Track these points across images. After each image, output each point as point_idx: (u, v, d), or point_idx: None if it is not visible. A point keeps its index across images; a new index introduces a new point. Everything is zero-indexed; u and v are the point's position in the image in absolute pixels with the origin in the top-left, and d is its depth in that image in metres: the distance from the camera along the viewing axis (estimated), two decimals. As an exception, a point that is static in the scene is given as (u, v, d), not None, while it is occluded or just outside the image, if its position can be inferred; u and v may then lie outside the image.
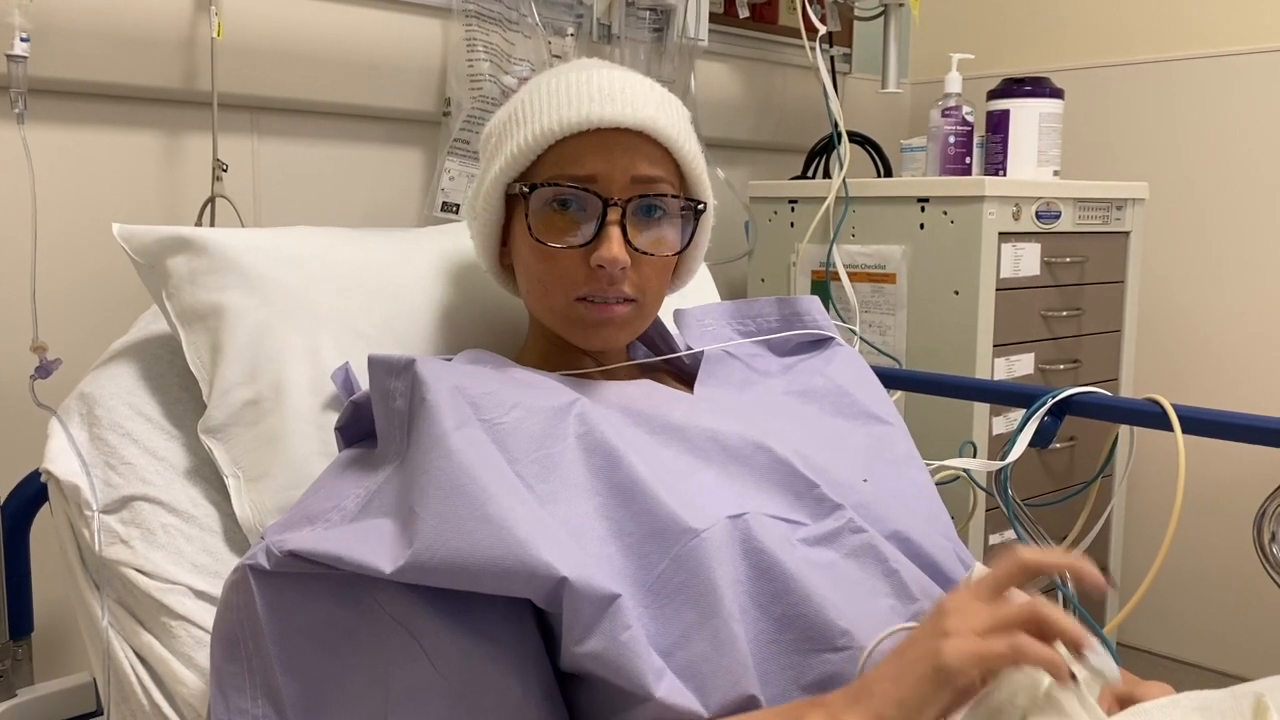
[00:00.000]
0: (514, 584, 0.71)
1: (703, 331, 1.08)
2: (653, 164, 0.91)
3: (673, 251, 0.95)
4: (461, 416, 0.79)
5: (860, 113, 2.23)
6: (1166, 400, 1.23)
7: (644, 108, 0.91)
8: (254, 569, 0.75)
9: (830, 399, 1.02)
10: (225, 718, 0.74)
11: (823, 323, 1.11)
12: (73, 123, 1.35)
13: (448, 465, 0.75)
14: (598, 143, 0.90)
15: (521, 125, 0.92)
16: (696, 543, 0.77)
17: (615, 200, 0.89)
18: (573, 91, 0.91)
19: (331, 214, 1.58)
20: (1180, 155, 2.12)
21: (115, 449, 0.99)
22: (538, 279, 0.94)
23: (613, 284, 0.90)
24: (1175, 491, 2.07)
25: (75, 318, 1.32)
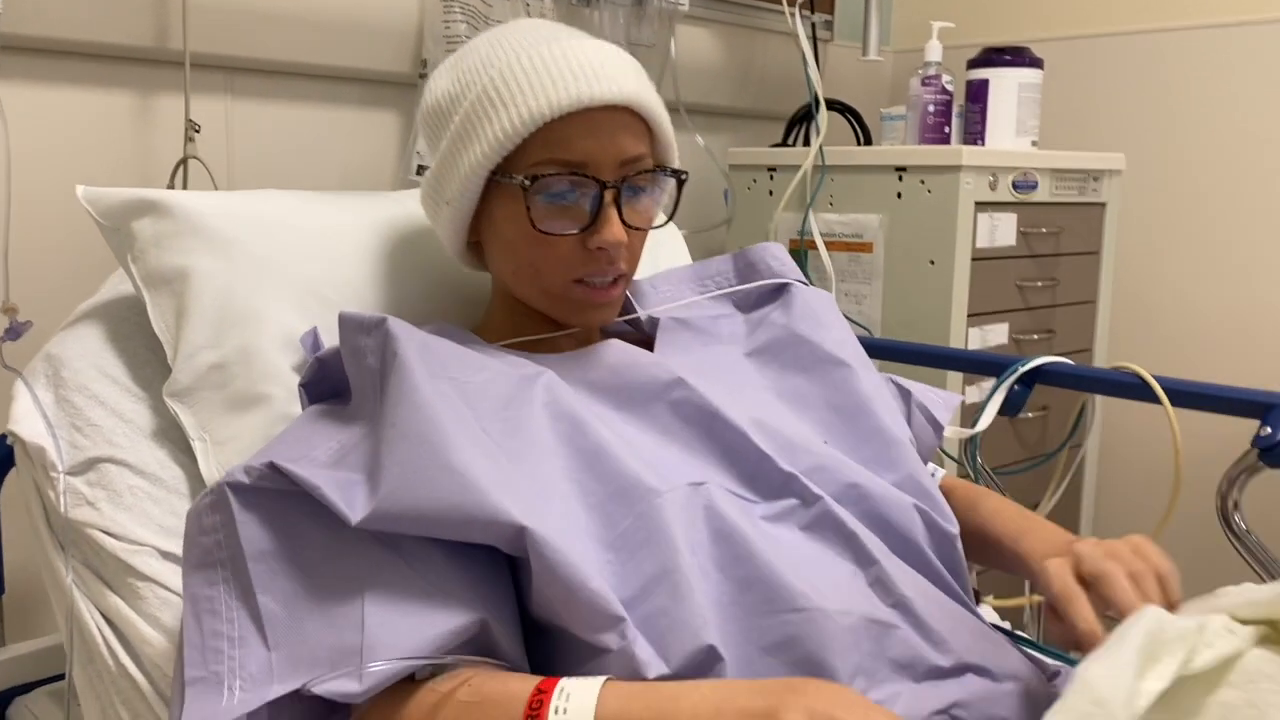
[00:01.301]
0: (474, 530, 0.73)
1: (659, 298, 1.09)
2: (636, 141, 0.91)
3: (660, 223, 0.97)
4: (430, 371, 0.81)
5: (841, 80, 2.22)
6: (1145, 371, 1.24)
7: (628, 82, 0.90)
8: (233, 485, 0.77)
9: (788, 352, 1.02)
10: (199, 642, 0.74)
11: (778, 268, 1.10)
12: (44, 81, 1.33)
13: (414, 416, 0.77)
14: (585, 124, 0.88)
15: (501, 107, 0.88)
16: (660, 502, 0.79)
17: (610, 183, 0.89)
18: (553, 69, 0.88)
19: (306, 176, 1.57)
20: (1158, 127, 2.12)
21: (81, 411, 0.99)
22: (529, 263, 0.93)
23: (611, 263, 0.91)
24: (1146, 460, 2.10)
25: (46, 279, 1.31)
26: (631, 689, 0.68)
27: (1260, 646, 0.64)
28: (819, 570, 0.80)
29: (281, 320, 1.00)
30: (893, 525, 0.88)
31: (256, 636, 0.74)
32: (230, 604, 0.75)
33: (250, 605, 0.75)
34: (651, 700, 0.67)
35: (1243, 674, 0.63)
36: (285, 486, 0.77)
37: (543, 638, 0.78)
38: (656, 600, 0.75)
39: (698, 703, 0.66)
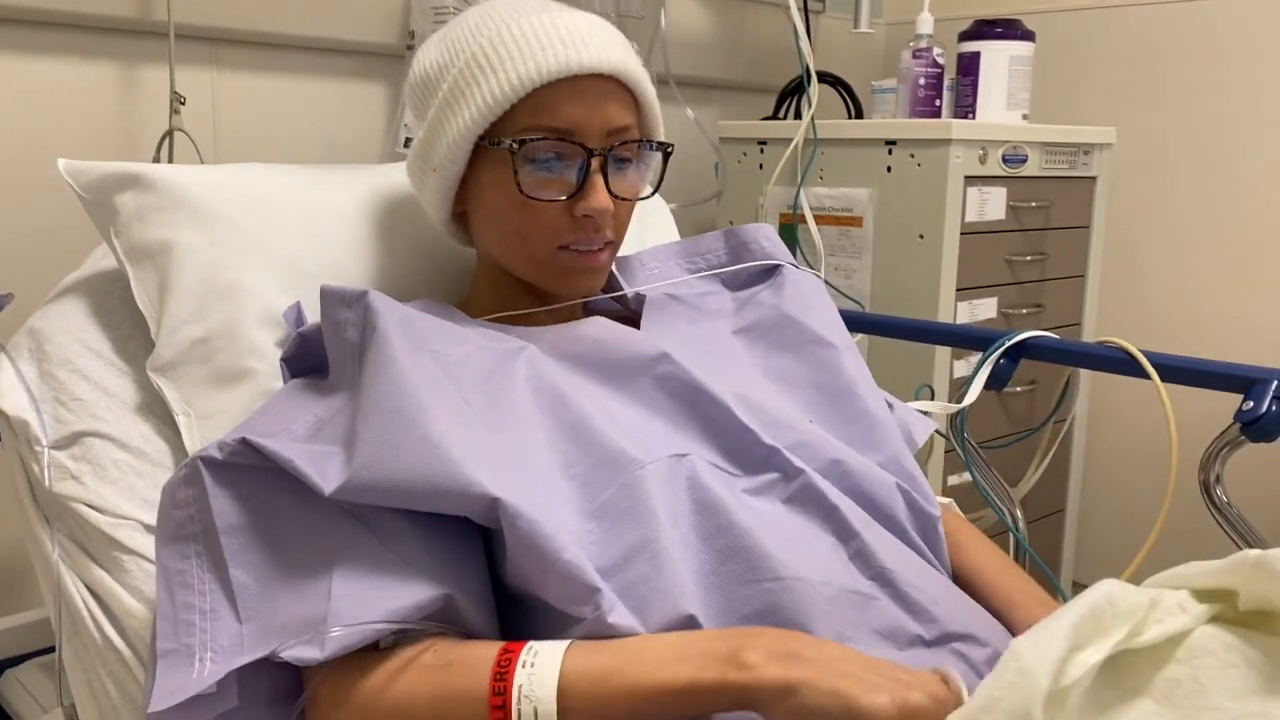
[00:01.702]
0: (447, 502, 0.74)
1: (647, 275, 1.09)
2: (623, 111, 0.93)
3: (646, 194, 0.98)
4: (411, 344, 0.81)
5: (832, 53, 2.21)
6: (1131, 345, 1.25)
7: (615, 52, 0.92)
8: (206, 460, 0.77)
9: (776, 331, 1.02)
10: (172, 614, 0.74)
11: (770, 249, 1.11)
12: (26, 52, 1.32)
13: (391, 388, 0.78)
14: (572, 91, 0.89)
15: (490, 73, 0.89)
16: (642, 473, 0.79)
17: (597, 150, 0.90)
18: (542, 37, 0.89)
19: (293, 149, 1.56)
20: (1149, 101, 2.11)
21: (65, 385, 0.99)
22: (515, 230, 0.93)
23: (597, 231, 0.92)
24: (1132, 435, 2.11)
25: (27, 253, 1.31)
26: (597, 644, 0.70)
27: (1211, 624, 0.65)
28: (800, 542, 0.81)
29: (265, 295, 1.00)
30: (875, 502, 0.88)
31: (228, 609, 0.74)
32: (202, 577, 0.76)
33: (222, 578, 0.75)
34: (617, 650, 0.69)
35: (1188, 650, 0.64)
36: (259, 462, 0.77)
37: (518, 607, 0.79)
38: (638, 569, 0.75)
39: (661, 649, 0.68)
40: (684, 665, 0.66)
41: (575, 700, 0.66)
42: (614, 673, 0.67)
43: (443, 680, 0.69)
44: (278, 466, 0.76)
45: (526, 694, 0.66)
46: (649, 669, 0.67)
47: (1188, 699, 0.62)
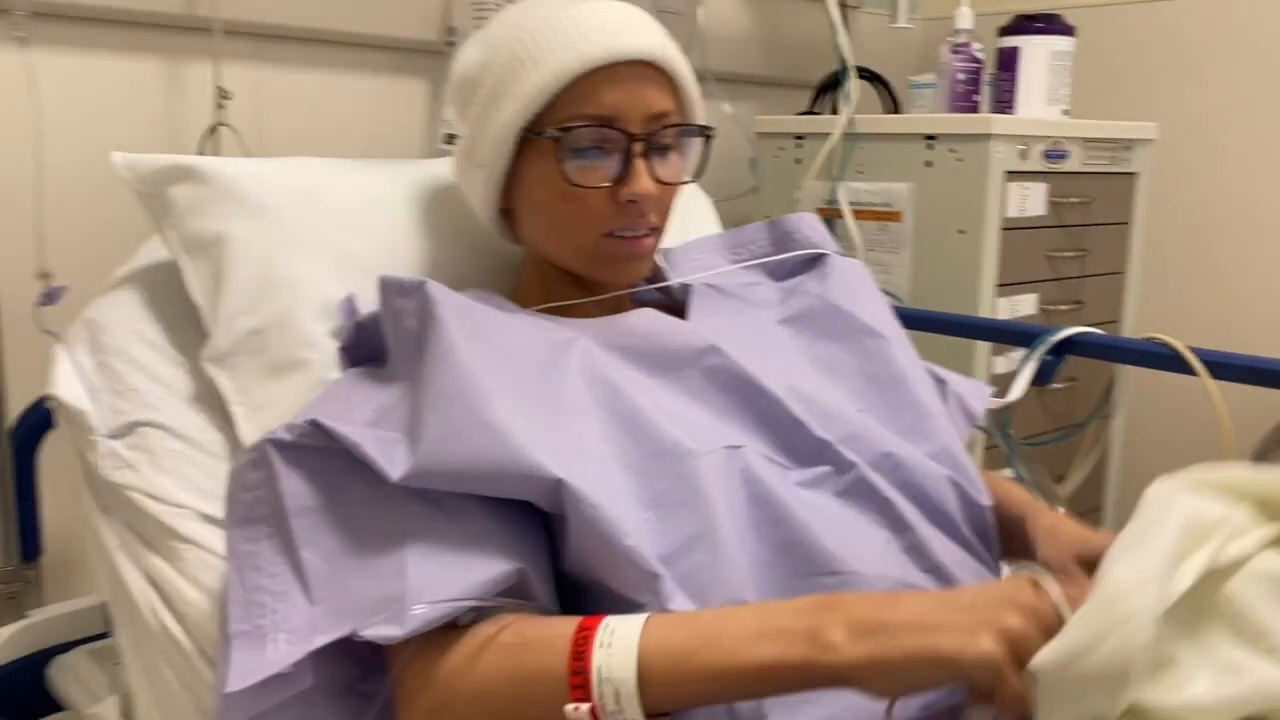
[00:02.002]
0: (511, 485, 0.75)
1: (692, 266, 1.09)
2: (664, 97, 0.93)
3: (687, 180, 0.98)
4: (468, 332, 0.82)
5: (869, 48, 2.20)
6: (1178, 342, 1.24)
7: (653, 38, 0.93)
8: (275, 442, 0.78)
9: (823, 320, 1.02)
10: (243, 596, 0.75)
11: (814, 238, 1.10)
12: (75, 47, 1.34)
13: (452, 375, 0.78)
14: (612, 78, 0.91)
15: (531, 66, 0.91)
16: (697, 463, 0.79)
17: (639, 135, 0.91)
18: (581, 26, 0.91)
19: (335, 144, 1.58)
20: (1191, 95, 2.09)
21: (121, 375, 1.00)
22: (561, 220, 0.94)
23: (642, 216, 0.93)
24: (1173, 433, 2.09)
25: (80, 244, 1.32)
26: (673, 619, 0.69)
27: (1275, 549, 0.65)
28: (854, 536, 0.81)
29: (318, 286, 1.00)
30: (927, 495, 0.88)
31: (299, 590, 0.75)
32: (273, 559, 0.76)
33: (293, 559, 0.76)
34: (694, 627, 0.68)
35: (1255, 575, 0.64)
36: (326, 444, 0.78)
37: (577, 597, 0.79)
38: (696, 557, 0.76)
39: (738, 627, 0.67)
40: (765, 645, 0.65)
41: (654, 681, 0.65)
42: (693, 653, 0.66)
43: (521, 660, 0.69)
44: (345, 449, 0.77)
45: (606, 676, 0.66)
46: (728, 648, 0.66)
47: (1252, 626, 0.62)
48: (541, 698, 0.67)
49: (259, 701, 0.72)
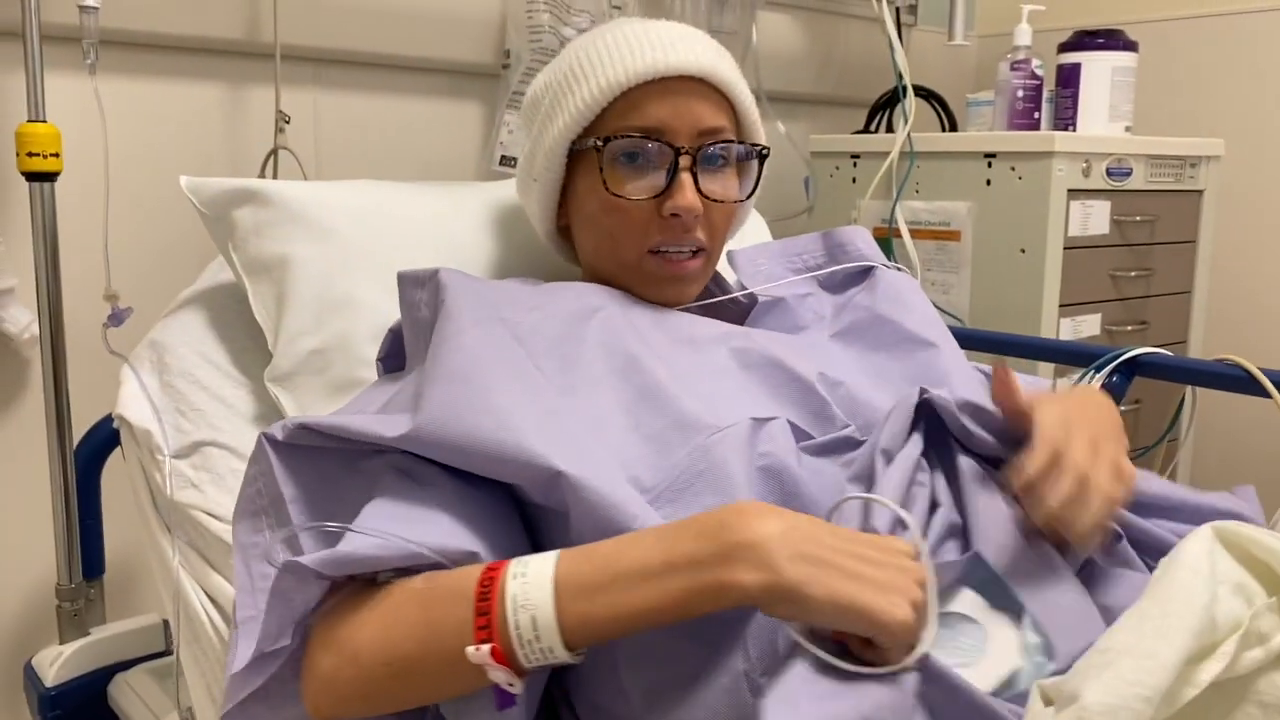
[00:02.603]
0: (508, 470, 0.74)
1: (756, 272, 1.07)
2: (715, 113, 0.93)
3: (740, 198, 0.97)
4: (479, 315, 0.82)
5: (925, 66, 2.18)
6: (1250, 364, 1.20)
7: (704, 54, 0.93)
8: (269, 437, 0.78)
9: (872, 332, 1.01)
10: (249, 585, 0.75)
11: (866, 251, 1.09)
12: (141, 74, 1.37)
13: (459, 357, 0.78)
14: (661, 92, 0.91)
15: (583, 80, 0.93)
16: (719, 436, 0.78)
17: (685, 149, 0.91)
18: (633, 42, 0.92)
19: (391, 166, 1.59)
20: (1258, 111, 2.04)
21: (185, 395, 1.01)
22: (607, 233, 0.94)
23: (686, 232, 0.92)
24: (1242, 456, 2.03)
25: (144, 267, 1.34)
26: (581, 550, 0.66)
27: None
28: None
29: (378, 307, 1.01)
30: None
31: None
32: (275, 547, 0.77)
33: (294, 547, 0.76)
34: (602, 557, 0.65)
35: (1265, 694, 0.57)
36: (317, 442, 0.78)
37: None
38: None
39: (644, 555, 0.64)
40: (673, 576, 0.63)
41: (570, 609, 0.63)
42: (604, 585, 0.63)
43: (427, 603, 0.67)
44: (336, 444, 0.77)
45: (522, 603, 0.63)
46: (636, 581, 0.63)
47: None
48: (447, 641, 0.64)
49: (259, 673, 0.71)
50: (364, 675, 0.67)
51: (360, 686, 0.67)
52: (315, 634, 0.70)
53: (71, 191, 1.21)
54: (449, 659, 0.64)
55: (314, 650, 0.70)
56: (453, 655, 0.64)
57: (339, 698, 0.68)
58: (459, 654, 0.63)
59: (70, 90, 1.24)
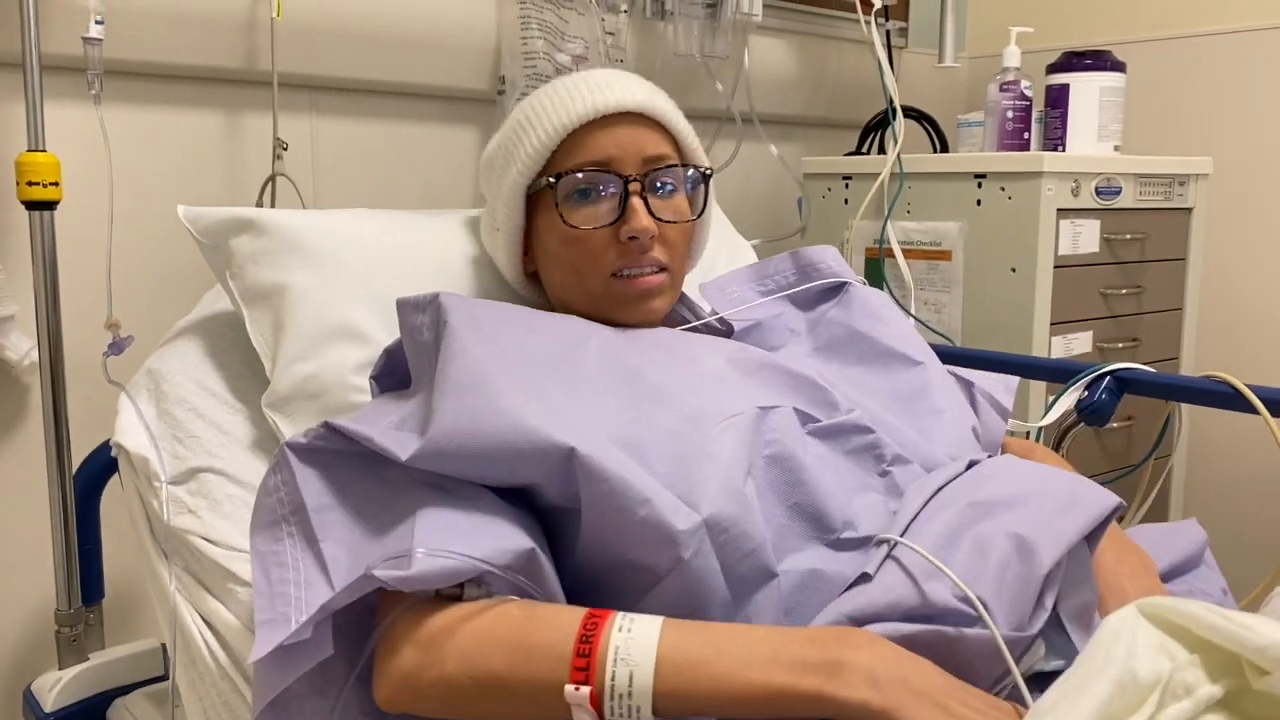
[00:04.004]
0: (524, 463, 0.75)
1: (727, 299, 1.11)
2: (658, 142, 0.99)
3: (691, 218, 1.01)
4: (482, 335, 0.84)
5: (916, 88, 2.20)
6: (1237, 380, 1.21)
7: (639, 91, 1.00)
8: (292, 445, 0.80)
9: (850, 348, 1.04)
10: (268, 590, 0.76)
11: (836, 268, 1.12)
12: (142, 103, 1.38)
13: (464, 370, 0.80)
14: (605, 129, 0.98)
15: (532, 129, 0.99)
16: (729, 422, 0.81)
17: (633, 176, 0.96)
18: (572, 89, 0.99)
19: (388, 193, 1.61)
20: (1246, 130, 2.06)
21: (182, 423, 1.03)
22: (571, 266, 0.98)
23: (644, 252, 0.96)
24: (1233, 472, 2.04)
25: (144, 294, 1.36)
26: (689, 625, 0.68)
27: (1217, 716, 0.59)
28: (854, 497, 0.83)
29: (374, 334, 1.03)
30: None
31: (321, 579, 0.75)
32: (295, 554, 0.77)
33: (315, 552, 0.76)
34: (709, 635, 0.67)
35: None
36: (340, 445, 0.79)
37: (587, 595, 0.79)
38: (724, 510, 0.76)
39: (753, 645, 0.66)
40: (778, 669, 0.64)
41: (668, 674, 0.64)
42: (706, 660, 0.65)
43: (525, 631, 0.68)
44: (360, 448, 0.78)
45: (623, 656, 0.64)
46: (741, 663, 0.65)
47: None
48: (539, 671, 0.66)
49: (286, 672, 0.72)
50: (448, 679, 0.69)
51: (441, 689, 0.69)
52: (399, 628, 0.72)
53: (72, 219, 1.23)
54: (537, 688, 0.66)
55: (398, 643, 0.71)
56: (541, 685, 0.66)
57: (416, 694, 0.70)
58: (549, 686, 0.65)
59: (70, 119, 1.26)
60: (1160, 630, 0.61)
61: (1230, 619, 0.59)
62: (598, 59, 1.65)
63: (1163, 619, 0.62)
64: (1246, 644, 0.57)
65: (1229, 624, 0.59)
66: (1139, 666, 0.58)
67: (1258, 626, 0.58)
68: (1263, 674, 0.58)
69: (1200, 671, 0.60)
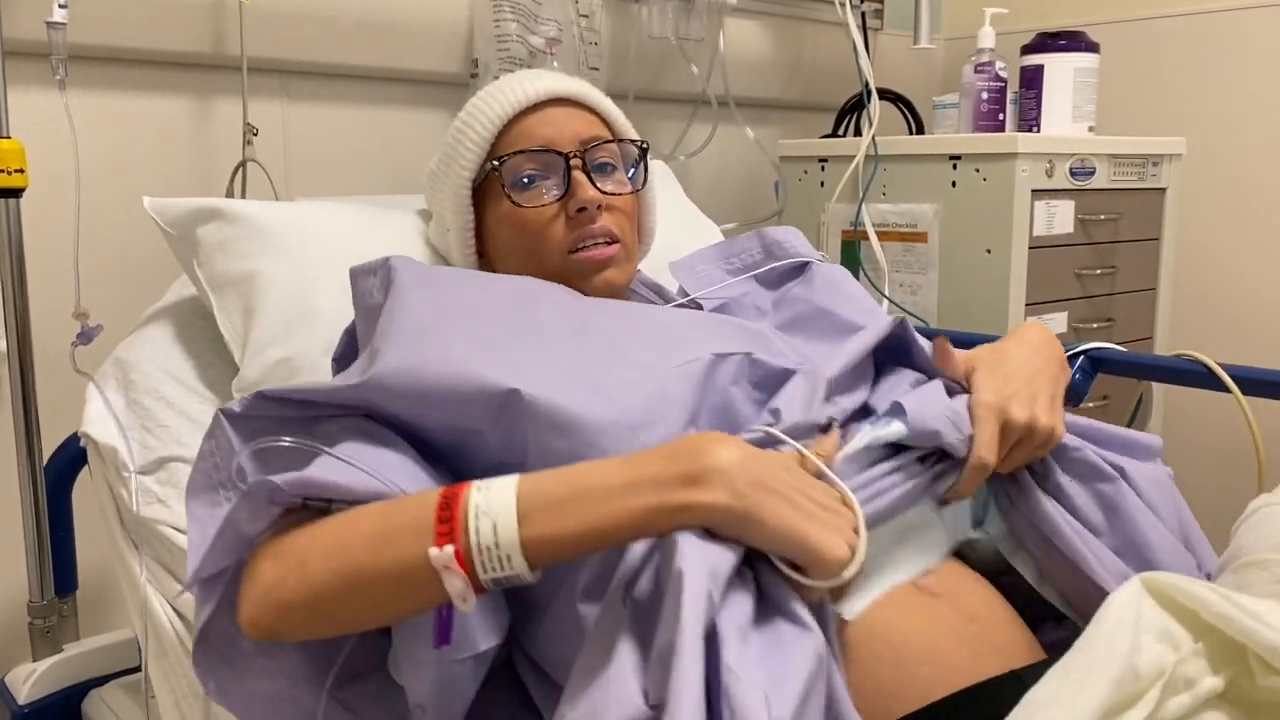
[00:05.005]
0: (468, 402, 0.75)
1: (695, 277, 1.12)
2: (590, 124, 1.04)
3: (633, 190, 1.04)
4: (431, 291, 0.85)
5: (892, 69, 2.20)
6: (1209, 358, 1.22)
7: (568, 81, 1.05)
8: (226, 412, 0.79)
9: (812, 324, 1.04)
10: (203, 545, 0.75)
11: (800, 248, 1.13)
12: (108, 89, 1.37)
13: (410, 316, 0.81)
14: (539, 116, 1.02)
15: (469, 129, 1.03)
16: (685, 368, 0.82)
17: (573, 153, 1.00)
18: (505, 86, 1.04)
19: (363, 177, 1.59)
20: (1219, 110, 2.07)
21: (151, 412, 1.02)
22: (525, 250, 1.00)
23: (594, 223, 0.98)
24: (1208, 451, 2.06)
25: (113, 284, 1.34)
26: (544, 473, 0.68)
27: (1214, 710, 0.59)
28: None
29: (344, 322, 1.02)
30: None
31: None
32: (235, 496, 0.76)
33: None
34: (566, 476, 0.67)
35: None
36: (275, 412, 0.79)
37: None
38: None
39: (609, 475, 0.66)
40: (638, 492, 0.65)
41: (532, 522, 0.64)
42: (567, 499, 0.65)
43: (385, 517, 0.68)
44: (293, 410, 0.78)
45: (484, 511, 0.64)
46: (600, 497, 0.65)
47: None
48: (404, 549, 0.65)
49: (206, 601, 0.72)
50: (311, 582, 0.67)
51: (305, 594, 0.67)
52: (260, 548, 0.71)
53: (38, 207, 1.21)
54: (404, 566, 0.65)
55: (257, 560, 0.70)
56: (408, 563, 0.64)
57: (280, 606, 0.68)
58: (415, 562, 0.64)
59: (35, 105, 1.24)
60: (1166, 611, 0.61)
61: (1242, 607, 0.58)
62: (571, 42, 1.64)
63: (1170, 599, 0.61)
64: (1261, 641, 0.57)
65: (1241, 615, 0.58)
66: (1141, 661, 0.58)
67: (1273, 620, 0.57)
68: (1270, 671, 0.57)
69: (1203, 662, 0.59)
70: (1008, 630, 0.75)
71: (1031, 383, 0.85)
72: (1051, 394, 0.85)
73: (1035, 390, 0.84)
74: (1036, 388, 0.84)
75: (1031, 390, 0.84)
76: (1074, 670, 0.58)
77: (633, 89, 1.81)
